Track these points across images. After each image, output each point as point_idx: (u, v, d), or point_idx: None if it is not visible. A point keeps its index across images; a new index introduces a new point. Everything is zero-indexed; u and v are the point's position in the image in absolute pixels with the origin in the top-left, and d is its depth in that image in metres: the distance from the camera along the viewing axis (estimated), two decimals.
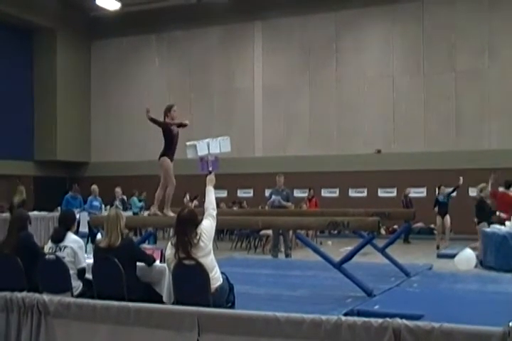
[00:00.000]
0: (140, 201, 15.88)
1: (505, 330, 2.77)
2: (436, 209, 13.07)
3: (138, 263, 4.99)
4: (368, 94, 17.75)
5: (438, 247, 12.67)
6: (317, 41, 18.48)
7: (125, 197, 14.39)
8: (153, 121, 6.89)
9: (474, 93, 16.67)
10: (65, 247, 5.12)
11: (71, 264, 5.07)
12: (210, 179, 5.16)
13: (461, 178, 12.56)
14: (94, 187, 13.03)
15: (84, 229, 11.70)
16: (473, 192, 13.17)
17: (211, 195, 4.88)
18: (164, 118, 6.97)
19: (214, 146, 6.48)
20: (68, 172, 21.21)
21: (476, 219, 10.83)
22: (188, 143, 6.49)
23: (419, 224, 16.14)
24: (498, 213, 10.89)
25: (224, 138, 6.70)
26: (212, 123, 18.91)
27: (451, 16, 17.01)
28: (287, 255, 10.95)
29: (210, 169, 6.15)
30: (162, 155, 6.92)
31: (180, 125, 7.13)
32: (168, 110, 6.98)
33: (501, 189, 11.62)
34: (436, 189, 13.56)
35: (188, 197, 16.63)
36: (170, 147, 6.91)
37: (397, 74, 17.65)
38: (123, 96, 21.00)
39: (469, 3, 16.89)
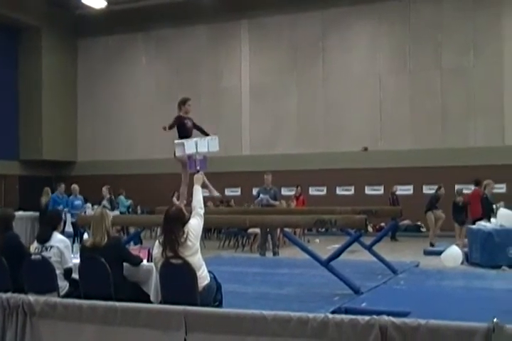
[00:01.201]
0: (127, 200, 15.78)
1: (490, 326, 2.79)
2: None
3: (125, 263, 4.97)
4: (354, 92, 17.78)
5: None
6: (304, 40, 18.48)
7: (112, 196, 14.32)
8: (172, 126, 6.56)
9: (460, 91, 16.78)
10: (52, 247, 5.08)
11: (57, 264, 5.03)
12: (198, 178, 5.15)
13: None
14: (74, 186, 13.17)
15: (70, 229, 11.66)
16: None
17: (198, 194, 4.87)
18: (178, 111, 6.75)
19: (202, 145, 6.45)
20: (54, 171, 21.03)
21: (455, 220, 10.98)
22: (176, 141, 6.47)
23: (406, 222, 16.21)
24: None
25: (212, 138, 6.67)
26: (199, 122, 18.73)
27: (437, 15, 17.10)
28: (275, 253, 10.94)
29: (198, 168, 6.14)
30: None
31: (202, 131, 6.87)
32: (182, 103, 6.75)
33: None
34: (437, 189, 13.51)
35: (176, 196, 16.53)
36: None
37: (383, 72, 17.72)
38: (110, 95, 20.86)
39: (455, 2, 16.99)
